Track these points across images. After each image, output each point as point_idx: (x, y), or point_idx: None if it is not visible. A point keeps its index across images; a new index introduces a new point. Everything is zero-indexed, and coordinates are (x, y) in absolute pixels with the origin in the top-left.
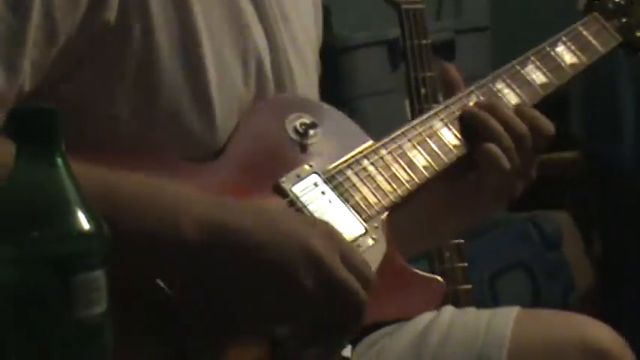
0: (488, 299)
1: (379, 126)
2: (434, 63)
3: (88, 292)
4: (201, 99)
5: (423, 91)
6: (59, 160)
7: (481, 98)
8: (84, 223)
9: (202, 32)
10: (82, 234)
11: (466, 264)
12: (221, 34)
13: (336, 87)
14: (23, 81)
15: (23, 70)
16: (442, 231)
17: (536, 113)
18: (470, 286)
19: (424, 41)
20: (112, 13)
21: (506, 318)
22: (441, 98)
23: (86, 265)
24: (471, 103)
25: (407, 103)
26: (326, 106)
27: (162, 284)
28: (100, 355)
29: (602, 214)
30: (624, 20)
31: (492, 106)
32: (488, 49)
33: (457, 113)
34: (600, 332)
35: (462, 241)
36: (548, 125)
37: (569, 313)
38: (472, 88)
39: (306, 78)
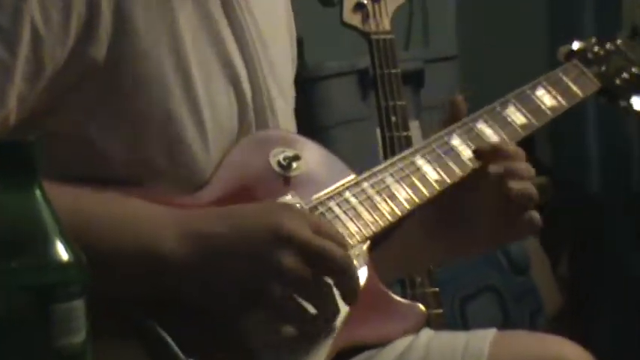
0: (459, 323)
1: (351, 153)
2: (403, 91)
3: (68, 321)
4: (196, 127)
5: (393, 119)
6: (37, 192)
7: (463, 137)
8: (62, 253)
9: (193, 66)
10: (61, 264)
11: (437, 289)
12: (209, 65)
13: (308, 116)
14: (9, 113)
15: (10, 102)
16: (426, 260)
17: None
18: (441, 311)
19: (394, 70)
20: (100, 50)
21: (483, 340)
22: (416, 125)
23: (65, 295)
24: (453, 142)
25: (378, 131)
26: (308, 140)
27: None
28: None
29: (569, 238)
30: (603, 68)
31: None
32: (455, 78)
33: (438, 151)
34: (573, 352)
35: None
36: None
37: (543, 335)
38: (454, 127)
39: (284, 105)
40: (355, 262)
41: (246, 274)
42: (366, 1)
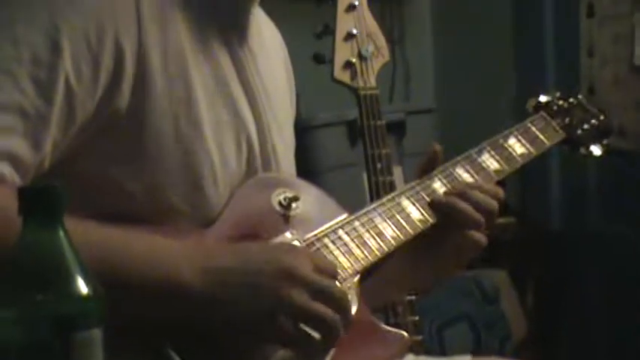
0: (437, 348)
1: (341, 195)
2: (387, 140)
3: (87, 347)
4: (209, 174)
5: (379, 165)
6: (60, 232)
7: (444, 181)
8: (82, 287)
9: (205, 122)
10: (81, 297)
11: (417, 317)
12: (220, 121)
13: (302, 161)
14: (44, 158)
15: (46, 148)
16: (408, 286)
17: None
18: (421, 337)
19: (379, 122)
20: (123, 101)
21: None
22: (399, 170)
23: (85, 325)
24: (434, 185)
25: (365, 175)
26: (306, 182)
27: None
28: None
29: (535, 271)
30: (567, 120)
31: (463, 193)
32: (434, 128)
33: (422, 193)
34: None
35: (414, 297)
36: (499, 191)
37: None
38: (436, 172)
39: (286, 152)
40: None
41: (253, 305)
42: (354, 60)
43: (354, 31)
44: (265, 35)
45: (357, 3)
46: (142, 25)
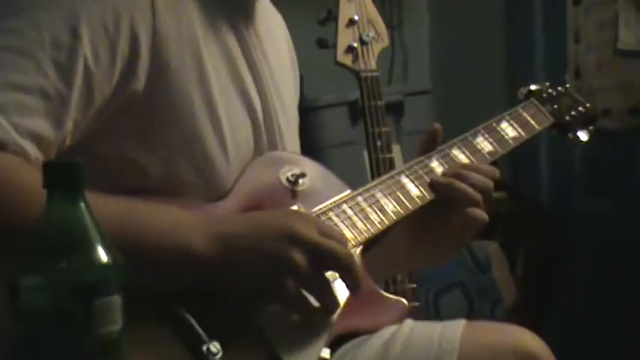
0: (433, 314)
1: (343, 172)
2: (387, 120)
3: (107, 313)
4: (219, 148)
5: (378, 143)
6: (82, 204)
7: (441, 161)
8: (103, 256)
9: (217, 101)
10: (102, 265)
11: (415, 285)
12: (230, 101)
13: (306, 139)
14: (65, 137)
15: (67, 127)
16: (413, 262)
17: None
18: (418, 304)
19: (379, 102)
20: (140, 83)
21: (455, 329)
22: (397, 148)
23: (105, 291)
24: (432, 164)
25: (365, 153)
26: (311, 159)
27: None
28: None
29: (525, 243)
30: (555, 106)
31: (460, 174)
32: (430, 108)
33: (420, 172)
34: (529, 339)
35: None
36: (494, 171)
37: (505, 325)
38: (433, 152)
39: (290, 132)
40: None
41: (264, 270)
42: (355, 44)
43: (356, 18)
44: (270, 21)
45: None
46: (156, 13)
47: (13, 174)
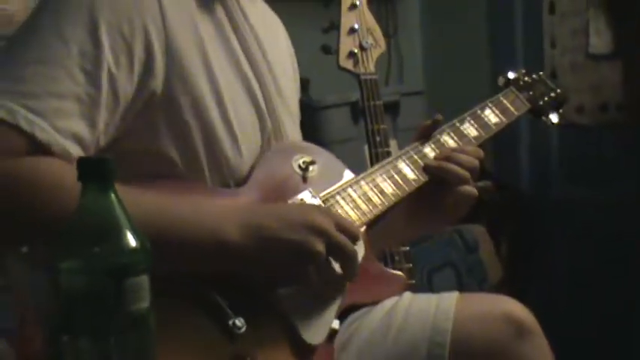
0: (427, 290)
1: (346, 164)
2: (384, 118)
3: (136, 291)
4: (229, 136)
5: (377, 138)
6: (112, 195)
7: (432, 146)
8: (131, 241)
9: (222, 88)
10: (131, 249)
11: (411, 265)
12: (233, 86)
13: (313, 136)
14: (100, 135)
15: (100, 127)
16: (410, 235)
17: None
18: (414, 281)
19: (377, 102)
20: (157, 82)
21: (450, 299)
22: (394, 143)
23: (134, 272)
24: (425, 150)
25: (366, 148)
26: (320, 148)
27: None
28: (147, 339)
29: (508, 226)
30: (531, 93)
31: (450, 156)
32: (423, 107)
33: (415, 157)
34: (517, 307)
35: (408, 248)
36: (479, 152)
37: (495, 295)
38: (426, 139)
39: (292, 124)
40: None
41: (291, 257)
42: (356, 50)
43: (356, 27)
44: (268, 17)
45: (358, 3)
46: (164, 14)
47: (61, 176)
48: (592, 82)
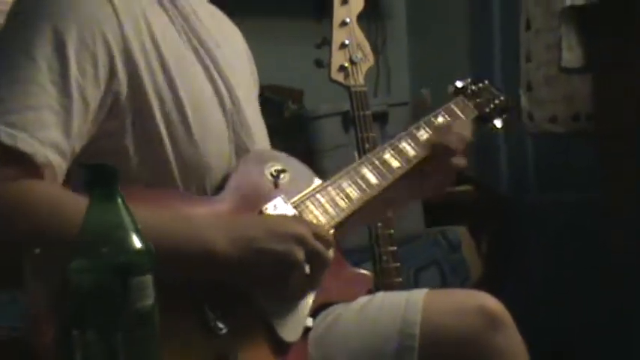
0: (413, 288)
1: (336, 170)
2: (373, 126)
3: (141, 289)
4: (194, 137)
5: (366, 146)
6: (118, 200)
7: (392, 152)
8: (137, 243)
9: (181, 89)
10: (136, 250)
11: (398, 264)
12: (197, 94)
13: (307, 144)
14: (74, 142)
15: (74, 133)
16: (396, 205)
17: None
18: (400, 279)
19: (367, 112)
20: (122, 86)
21: (419, 294)
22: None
23: (139, 271)
24: (385, 156)
25: (356, 154)
26: (291, 157)
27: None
28: (151, 335)
29: (488, 227)
30: (478, 100)
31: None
32: (409, 117)
33: (376, 162)
34: (491, 301)
35: (395, 248)
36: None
37: (469, 290)
38: (385, 145)
39: (257, 120)
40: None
41: (274, 265)
42: (346, 64)
43: (347, 42)
44: (225, 27)
45: (348, 20)
46: (120, 21)
47: (58, 200)
48: (565, 93)
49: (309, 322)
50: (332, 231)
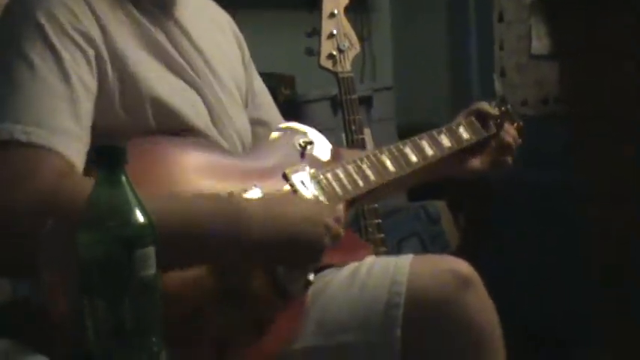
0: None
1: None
2: (359, 110)
3: (145, 260)
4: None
5: (353, 127)
6: (124, 178)
7: (411, 146)
8: (140, 217)
9: (154, 84)
10: (139, 224)
11: (383, 235)
12: (173, 91)
13: None
14: (84, 129)
15: (83, 118)
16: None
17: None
18: (385, 249)
19: (353, 96)
20: (108, 69)
21: (406, 258)
22: (368, 131)
23: (143, 243)
24: (405, 150)
25: (343, 135)
26: (319, 134)
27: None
28: (154, 302)
29: (466, 201)
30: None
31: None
32: (392, 101)
33: (397, 154)
34: (462, 264)
35: (380, 220)
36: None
37: (445, 255)
38: (406, 141)
39: (236, 107)
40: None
41: (305, 250)
42: (335, 52)
43: (335, 32)
44: (209, 12)
45: (336, 12)
46: (94, 11)
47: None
48: (535, 79)
49: (311, 276)
50: (343, 204)
